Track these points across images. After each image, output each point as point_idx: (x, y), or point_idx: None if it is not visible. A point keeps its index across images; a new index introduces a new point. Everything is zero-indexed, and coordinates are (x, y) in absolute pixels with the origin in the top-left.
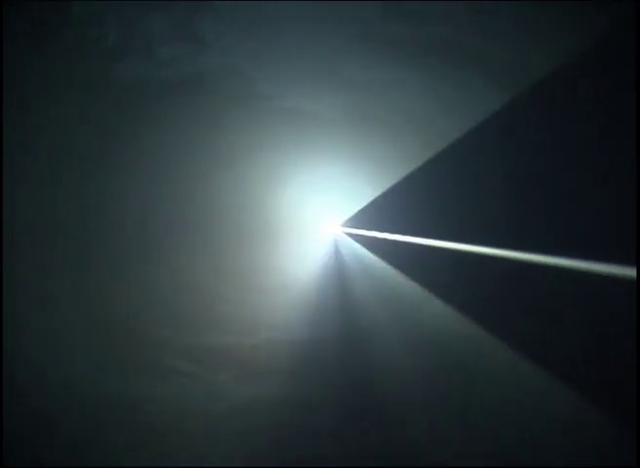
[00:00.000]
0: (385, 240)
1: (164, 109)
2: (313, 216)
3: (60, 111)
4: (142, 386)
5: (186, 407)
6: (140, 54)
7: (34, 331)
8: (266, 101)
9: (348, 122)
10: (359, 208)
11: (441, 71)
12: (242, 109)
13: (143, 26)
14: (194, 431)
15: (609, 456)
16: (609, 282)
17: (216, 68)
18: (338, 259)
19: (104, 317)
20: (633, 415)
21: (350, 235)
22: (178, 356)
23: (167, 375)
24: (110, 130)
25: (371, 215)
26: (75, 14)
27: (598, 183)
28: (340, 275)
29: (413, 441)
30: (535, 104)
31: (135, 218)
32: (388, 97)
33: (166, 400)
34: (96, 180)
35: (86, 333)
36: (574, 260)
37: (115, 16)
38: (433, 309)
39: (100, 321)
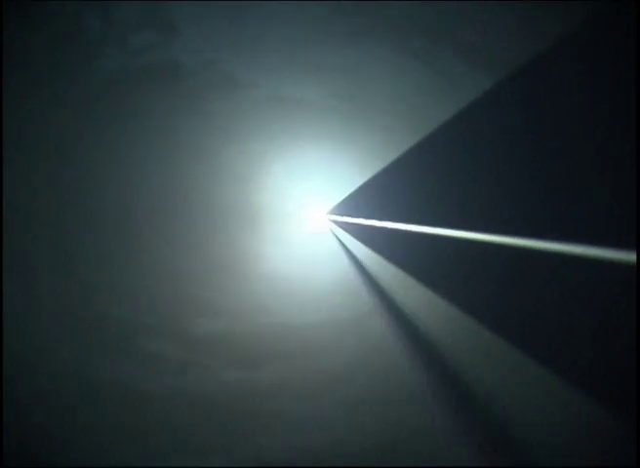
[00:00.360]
0: (372, 227)
1: (143, 99)
2: (299, 205)
3: (42, 104)
4: (129, 374)
5: (173, 393)
6: (117, 44)
7: (22, 325)
8: (246, 89)
9: (332, 106)
10: (346, 194)
11: (426, 54)
12: (221, 97)
13: (120, 17)
14: (183, 418)
15: (609, 456)
16: (607, 267)
17: (194, 57)
18: (323, 247)
19: (87, 305)
20: (633, 413)
21: (337, 222)
22: (164, 343)
23: (152, 362)
24: (92, 120)
25: (358, 202)
26: (55, 9)
27: (590, 167)
28: (325, 263)
29: (411, 435)
30: (522, 88)
31: (116, 206)
32: (372, 81)
33: (153, 387)
34: (76, 169)
35: (69, 322)
36: (565, 244)
37: (92, 7)
38: (422, 297)
39: (83, 309)
